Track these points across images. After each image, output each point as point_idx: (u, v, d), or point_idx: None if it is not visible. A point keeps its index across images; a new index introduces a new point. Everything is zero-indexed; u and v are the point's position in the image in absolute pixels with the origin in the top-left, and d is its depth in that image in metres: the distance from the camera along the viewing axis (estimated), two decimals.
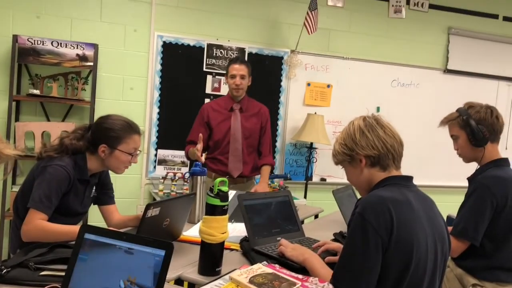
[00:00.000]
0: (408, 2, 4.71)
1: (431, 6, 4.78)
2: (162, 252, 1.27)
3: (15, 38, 3.51)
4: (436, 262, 1.50)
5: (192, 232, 2.08)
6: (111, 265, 1.30)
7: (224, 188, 1.58)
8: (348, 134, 1.60)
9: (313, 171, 4.59)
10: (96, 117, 3.70)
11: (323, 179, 4.62)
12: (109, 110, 3.74)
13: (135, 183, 4.07)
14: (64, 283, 1.31)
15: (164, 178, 3.81)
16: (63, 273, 1.42)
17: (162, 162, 4.13)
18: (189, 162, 4.13)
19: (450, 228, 1.92)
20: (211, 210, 1.57)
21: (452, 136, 2.23)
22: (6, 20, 3.63)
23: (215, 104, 3.36)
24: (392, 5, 4.68)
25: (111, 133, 2.01)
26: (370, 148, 1.55)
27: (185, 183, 3.83)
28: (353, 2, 4.55)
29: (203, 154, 3.06)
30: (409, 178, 1.60)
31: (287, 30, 4.39)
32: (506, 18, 5.03)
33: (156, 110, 4.09)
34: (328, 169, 4.59)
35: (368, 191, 1.61)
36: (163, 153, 4.12)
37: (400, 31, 4.73)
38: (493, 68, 5.02)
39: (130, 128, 2.05)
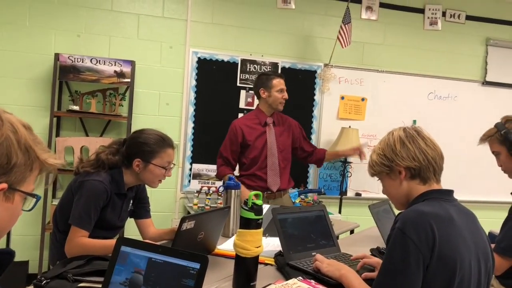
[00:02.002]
0: (444, 14, 4.62)
1: (468, 18, 4.68)
2: (197, 265, 1.27)
3: (56, 56, 3.65)
4: (480, 279, 1.44)
5: (226, 245, 2.07)
6: (147, 277, 1.30)
7: (258, 202, 1.57)
8: (387, 144, 1.56)
9: (347, 185, 4.52)
10: (133, 131, 3.82)
11: (358, 194, 4.55)
12: (146, 125, 3.81)
13: (170, 197, 4.11)
14: None
15: (199, 192, 3.84)
16: (100, 285, 1.44)
17: (196, 176, 4.17)
18: None
19: (493, 245, 1.84)
20: (246, 224, 1.57)
21: (493, 152, 2.15)
22: (48, 39, 3.78)
23: (247, 120, 3.35)
24: (428, 17, 4.61)
25: (145, 148, 2.04)
26: (411, 160, 1.50)
27: (219, 197, 3.84)
28: (387, 15, 4.51)
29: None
30: (450, 192, 1.55)
31: (320, 44, 4.39)
32: None
33: (191, 125, 4.14)
34: (363, 183, 4.52)
35: (406, 205, 1.57)
36: (198, 167, 4.16)
37: (436, 43, 4.65)
38: None
39: (164, 142, 2.08)
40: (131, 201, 2.16)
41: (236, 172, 3.37)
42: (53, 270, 1.56)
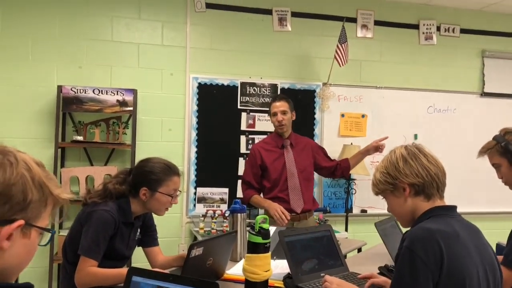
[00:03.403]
0: (438, 29, 4.70)
1: (463, 31, 4.75)
2: None
3: (59, 88, 3.71)
4: None
5: (235, 270, 2.08)
6: None
7: (265, 226, 1.60)
8: (390, 162, 1.58)
9: (353, 202, 4.53)
10: (137, 159, 3.82)
11: (363, 211, 4.55)
12: (149, 151, 3.87)
13: (176, 222, 4.12)
14: None
15: (204, 216, 3.85)
16: None
17: (201, 200, 4.19)
18: (228, 199, 4.17)
19: (500, 257, 1.85)
20: (253, 248, 1.59)
21: (493, 165, 2.17)
22: (51, 72, 3.84)
23: (265, 144, 3.40)
24: (423, 33, 4.68)
25: (151, 176, 2.07)
26: (415, 176, 1.53)
27: (225, 220, 3.85)
28: (383, 32, 4.59)
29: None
30: (454, 208, 1.57)
31: (318, 63, 4.45)
32: None
33: (194, 149, 4.18)
34: (368, 200, 4.52)
35: (411, 222, 1.59)
36: (202, 191, 4.18)
37: (433, 58, 4.71)
38: None
39: (170, 170, 2.11)
40: (139, 230, 2.18)
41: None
42: None
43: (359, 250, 2.91)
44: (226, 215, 3.83)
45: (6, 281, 0.89)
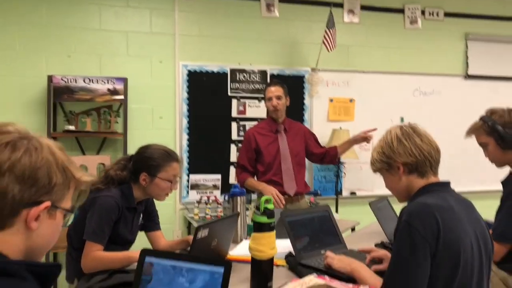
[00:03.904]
0: (423, 13, 4.78)
1: (447, 14, 4.84)
2: (221, 269, 1.34)
3: (49, 78, 3.69)
4: (481, 261, 1.54)
5: (236, 251, 2.14)
6: (173, 284, 1.37)
7: (270, 206, 1.65)
8: (385, 142, 1.66)
9: (342, 185, 4.62)
10: (129, 147, 3.87)
11: (353, 193, 4.65)
12: (141, 140, 3.85)
13: (170, 210, 4.16)
14: None
15: (199, 202, 3.89)
16: None
17: (194, 186, 4.23)
18: (221, 185, 4.22)
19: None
20: (259, 228, 1.64)
21: (480, 144, 2.26)
22: (40, 62, 3.82)
23: (259, 128, 3.46)
24: (408, 16, 4.75)
25: (151, 162, 2.11)
26: (408, 156, 1.61)
27: (219, 206, 3.90)
28: (369, 17, 4.65)
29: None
30: (447, 184, 1.65)
31: (306, 49, 4.49)
32: None
33: (185, 136, 4.20)
34: (357, 182, 4.63)
35: (407, 198, 1.67)
36: (195, 178, 4.22)
37: (418, 41, 4.79)
38: None
39: (169, 156, 2.15)
40: (141, 215, 2.22)
41: None
42: (79, 286, 1.61)
43: (353, 229, 2.99)
44: (226, 199, 3.85)
45: (34, 260, 0.93)
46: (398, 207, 2.58)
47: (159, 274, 1.40)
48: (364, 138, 3.39)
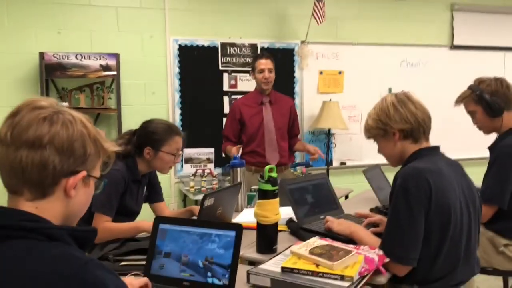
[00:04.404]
0: None
1: None
2: (233, 233, 1.43)
3: (41, 55, 3.68)
4: (470, 218, 1.67)
5: (238, 219, 2.24)
6: (188, 249, 1.46)
7: (273, 174, 1.74)
8: (381, 109, 1.74)
9: (332, 156, 4.73)
10: (123, 123, 3.91)
11: (343, 163, 4.77)
12: (134, 115, 3.94)
13: (165, 183, 4.22)
14: (146, 269, 1.48)
15: (194, 175, 3.97)
16: (140, 262, 1.60)
17: (188, 160, 4.30)
18: (214, 158, 4.30)
19: None
20: (264, 195, 1.73)
21: (469, 112, 2.37)
22: (30, 38, 3.79)
23: (245, 99, 3.55)
24: None
25: (154, 136, 2.17)
26: (404, 122, 1.69)
27: (214, 178, 3.99)
28: None
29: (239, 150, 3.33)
30: (437, 148, 1.77)
31: (296, 22, 4.53)
32: None
33: (178, 111, 4.25)
34: (347, 152, 4.75)
35: (400, 162, 1.77)
36: (189, 151, 4.28)
37: (405, 12, 4.85)
38: (499, 40, 5.13)
39: (172, 130, 2.21)
40: (145, 187, 2.29)
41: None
42: (93, 254, 1.69)
43: (346, 197, 3.11)
44: (227, 170, 3.92)
45: (71, 225, 1.00)
46: (389, 174, 2.70)
47: (172, 240, 1.49)
48: (312, 152, 3.44)
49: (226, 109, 4.38)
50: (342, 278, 1.39)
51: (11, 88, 3.77)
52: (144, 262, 1.47)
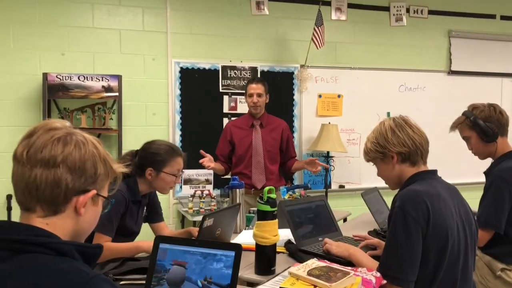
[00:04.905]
0: (408, 10, 4.92)
1: (431, 12, 5.00)
2: (232, 253, 1.44)
3: (44, 76, 3.73)
4: (467, 242, 1.68)
5: (237, 240, 2.24)
6: (187, 268, 1.47)
7: (273, 196, 1.76)
8: (380, 133, 1.77)
9: (331, 179, 4.75)
10: (123, 143, 3.94)
11: (341, 186, 4.79)
12: (135, 136, 3.98)
13: (164, 204, 4.15)
14: None
15: (193, 196, 3.98)
16: (140, 281, 1.60)
17: (187, 181, 4.31)
18: (213, 180, 4.31)
19: None
20: (263, 216, 1.75)
21: (464, 137, 2.41)
22: (34, 59, 3.86)
23: (237, 122, 3.65)
24: (393, 14, 4.90)
25: (156, 157, 2.20)
26: (401, 146, 1.72)
27: (212, 200, 4.00)
28: (356, 14, 4.77)
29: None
30: (435, 172, 1.79)
31: (295, 46, 4.61)
32: (503, 17, 5.25)
33: (178, 132, 4.29)
34: (346, 176, 4.77)
35: (398, 185, 1.79)
36: (188, 172, 4.29)
37: (403, 38, 4.94)
38: (496, 66, 5.21)
39: (174, 152, 2.24)
40: (145, 207, 2.31)
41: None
42: None
43: (345, 220, 3.12)
44: (226, 192, 3.92)
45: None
46: (388, 198, 2.72)
47: (172, 259, 1.50)
48: (310, 165, 3.36)
49: None
50: None
51: (14, 107, 3.81)
52: (143, 282, 1.48)
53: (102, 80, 3.86)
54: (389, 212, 1.69)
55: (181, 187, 4.29)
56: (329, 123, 4.55)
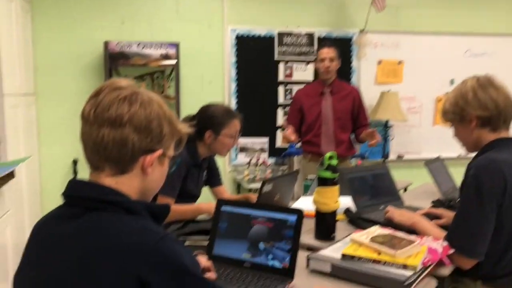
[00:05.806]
0: None
1: None
2: (294, 217, 1.43)
3: (105, 44, 3.82)
4: None
5: (295, 206, 2.24)
6: (249, 231, 1.48)
7: (333, 162, 1.72)
8: (460, 93, 1.64)
9: (389, 148, 4.62)
10: (181, 111, 4.00)
11: (400, 156, 4.65)
12: (192, 104, 4.00)
13: None
14: (209, 249, 1.51)
15: (248, 164, 4.01)
16: (203, 242, 1.63)
17: (243, 150, 4.34)
18: (268, 148, 4.31)
19: None
20: (323, 182, 1.72)
21: None
22: (95, 29, 3.95)
23: (307, 89, 3.55)
24: None
25: (214, 120, 2.21)
26: (483, 109, 1.59)
27: (268, 167, 4.01)
28: None
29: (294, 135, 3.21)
30: None
31: (354, 10, 4.44)
32: None
33: (234, 100, 4.29)
34: (405, 145, 4.62)
35: (474, 150, 1.66)
36: (244, 141, 4.32)
37: (469, 0, 4.63)
38: None
39: (231, 114, 2.25)
40: (205, 171, 2.34)
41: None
42: None
43: (405, 190, 3.03)
44: (281, 159, 3.89)
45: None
46: (452, 169, 2.61)
47: (234, 222, 1.51)
48: (372, 135, 3.14)
49: (281, 99, 4.38)
50: (405, 267, 1.36)
51: (79, 74, 3.95)
52: (206, 243, 1.50)
53: (161, 48, 3.90)
54: (462, 180, 1.60)
55: (236, 155, 4.33)
56: (389, 90, 4.39)
